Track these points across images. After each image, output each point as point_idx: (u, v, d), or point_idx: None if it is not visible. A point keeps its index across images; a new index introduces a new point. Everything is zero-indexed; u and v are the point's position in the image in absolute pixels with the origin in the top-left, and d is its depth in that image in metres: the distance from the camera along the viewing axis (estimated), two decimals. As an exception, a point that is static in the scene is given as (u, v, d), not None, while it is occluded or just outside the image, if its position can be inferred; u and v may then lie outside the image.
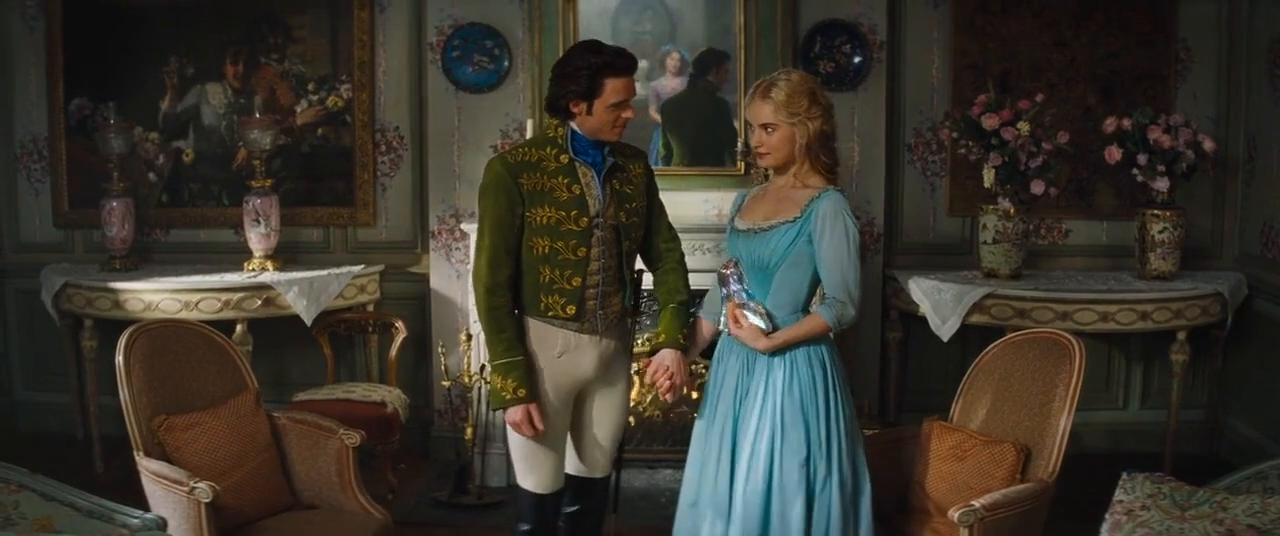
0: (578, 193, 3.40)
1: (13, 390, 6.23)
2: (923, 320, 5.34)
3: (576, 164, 3.42)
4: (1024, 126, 5.13)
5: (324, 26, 5.84)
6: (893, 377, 5.77)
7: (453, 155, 5.68)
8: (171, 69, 5.90)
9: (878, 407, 5.64)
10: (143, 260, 5.88)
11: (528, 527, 3.60)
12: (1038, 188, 5.22)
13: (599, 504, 3.75)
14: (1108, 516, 2.99)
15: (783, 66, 4.96)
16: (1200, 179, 5.50)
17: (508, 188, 3.37)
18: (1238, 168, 5.68)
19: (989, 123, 5.19)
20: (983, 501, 3.36)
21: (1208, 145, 5.23)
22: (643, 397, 5.29)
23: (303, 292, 5.39)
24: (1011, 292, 5.19)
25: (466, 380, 5.21)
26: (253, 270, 5.60)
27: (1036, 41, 5.69)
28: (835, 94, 5.37)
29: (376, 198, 5.93)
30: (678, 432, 5.39)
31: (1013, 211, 5.28)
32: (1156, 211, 5.32)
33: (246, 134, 5.63)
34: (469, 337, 5.21)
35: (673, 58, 5.54)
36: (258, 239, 5.62)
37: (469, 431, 5.27)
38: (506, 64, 5.61)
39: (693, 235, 5.14)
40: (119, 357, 3.86)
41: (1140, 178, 5.31)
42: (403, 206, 5.93)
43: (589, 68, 3.33)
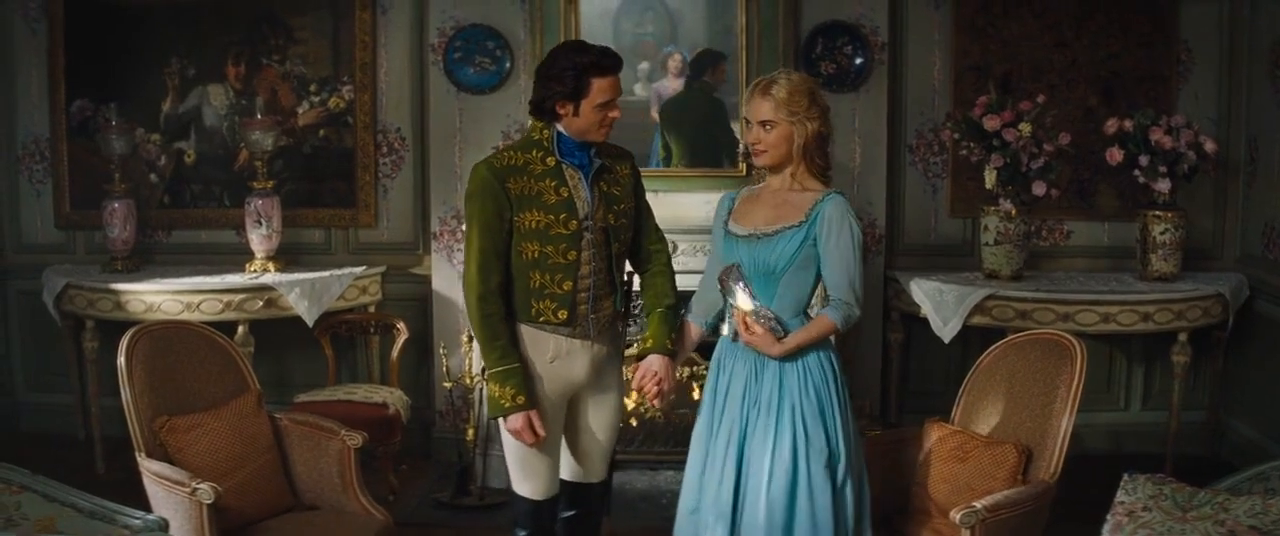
0: (566, 195, 3.35)
1: (14, 391, 6.23)
2: (924, 321, 5.34)
3: (563, 166, 3.37)
4: (1025, 127, 5.14)
5: (325, 27, 5.85)
6: (894, 379, 5.77)
7: (454, 156, 5.67)
8: (173, 70, 5.90)
9: (879, 409, 5.64)
10: (144, 261, 5.87)
11: (525, 534, 3.58)
12: (1039, 189, 5.22)
13: (595, 508, 3.73)
14: (1109, 517, 2.99)
15: (784, 67, 4.96)
16: (1201, 180, 5.50)
17: (495, 192, 3.32)
18: (1239, 169, 5.67)
19: (990, 124, 5.19)
20: (984, 502, 3.36)
21: (1209, 146, 5.23)
22: (636, 403, 5.28)
23: (304, 294, 5.39)
24: (1013, 294, 5.19)
25: (468, 381, 5.21)
26: (254, 271, 5.61)
27: (1038, 42, 5.69)
28: (836, 95, 5.40)
29: (378, 199, 5.94)
30: (679, 434, 5.39)
31: (1014, 212, 5.28)
32: (1158, 212, 5.32)
33: (248, 135, 5.63)
34: (470, 339, 5.20)
35: (674, 59, 5.53)
36: (259, 240, 5.62)
37: (470, 432, 5.27)
38: (508, 65, 5.61)
39: (693, 236, 5.15)
40: (121, 359, 3.86)
41: (1141, 179, 5.31)
42: (404, 208, 5.94)
43: (575, 68, 3.27)
